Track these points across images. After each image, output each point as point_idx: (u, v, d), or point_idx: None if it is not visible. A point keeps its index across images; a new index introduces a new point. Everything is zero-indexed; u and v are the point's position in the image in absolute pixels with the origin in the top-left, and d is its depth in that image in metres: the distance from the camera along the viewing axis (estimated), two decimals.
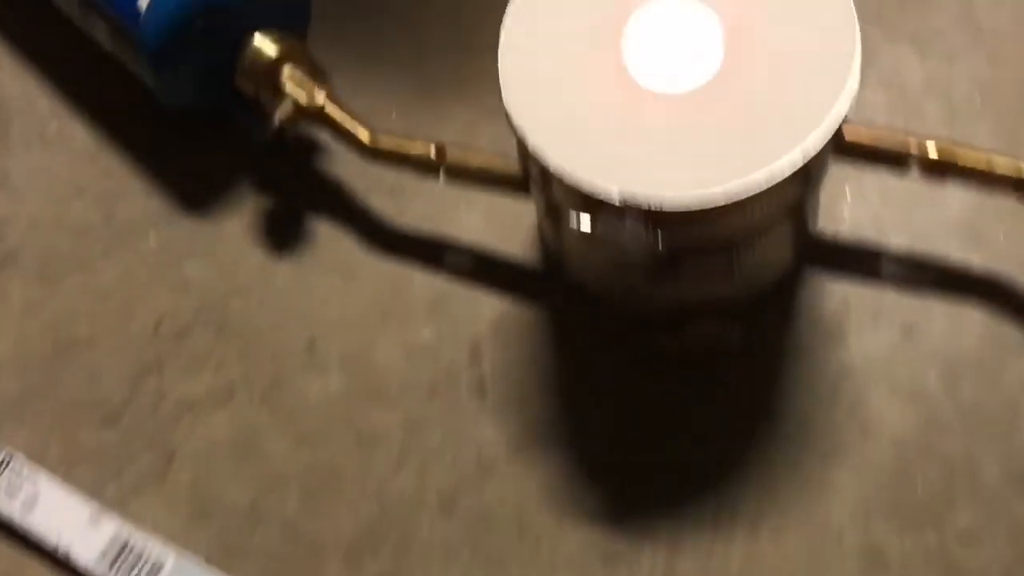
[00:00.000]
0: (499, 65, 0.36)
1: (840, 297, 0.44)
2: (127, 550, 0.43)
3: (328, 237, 0.49)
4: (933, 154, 0.39)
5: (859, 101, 0.46)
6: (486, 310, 0.46)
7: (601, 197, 0.34)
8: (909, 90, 0.47)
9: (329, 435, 0.45)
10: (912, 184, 0.44)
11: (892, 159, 0.40)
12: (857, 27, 0.35)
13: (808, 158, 0.34)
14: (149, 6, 0.44)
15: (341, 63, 0.52)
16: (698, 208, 0.33)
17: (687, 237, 0.35)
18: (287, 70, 0.46)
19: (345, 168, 0.50)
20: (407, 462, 0.44)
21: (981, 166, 0.39)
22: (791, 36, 0.35)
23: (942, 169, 0.40)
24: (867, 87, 0.47)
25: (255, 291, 0.48)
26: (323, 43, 0.52)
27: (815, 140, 0.33)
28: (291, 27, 0.48)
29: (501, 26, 0.37)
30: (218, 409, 0.46)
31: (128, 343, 0.48)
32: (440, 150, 0.44)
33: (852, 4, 0.35)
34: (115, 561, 0.42)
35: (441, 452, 0.44)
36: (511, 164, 0.42)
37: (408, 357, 0.46)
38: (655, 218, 0.34)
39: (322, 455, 0.44)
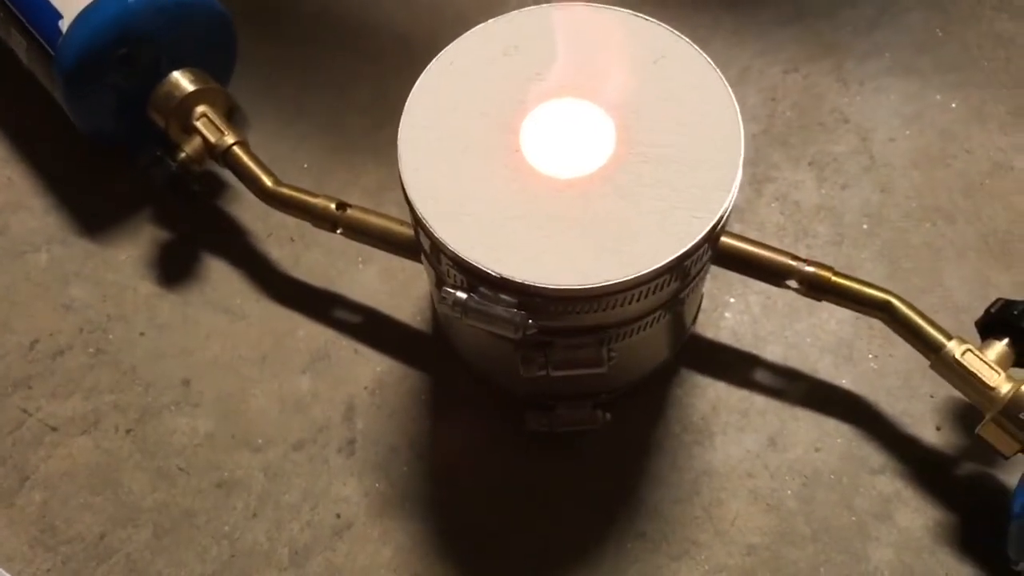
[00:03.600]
0: (399, 137, 0.37)
1: (712, 398, 0.45)
2: None
3: (220, 277, 0.49)
4: (808, 276, 0.41)
5: (755, 215, 0.49)
6: (367, 370, 0.46)
7: (481, 272, 0.34)
8: (804, 210, 0.49)
9: (190, 475, 0.44)
10: (793, 300, 0.45)
11: (770, 275, 0.41)
12: (743, 141, 0.36)
13: (681, 259, 0.35)
14: (70, 28, 0.45)
15: (264, 111, 0.53)
16: (570, 293, 0.34)
17: (559, 320, 0.36)
18: (200, 109, 0.46)
19: (248, 212, 0.50)
20: (264, 512, 0.43)
21: (852, 293, 0.41)
22: (679, 141, 0.36)
23: (816, 291, 0.41)
24: (764, 203, 0.49)
25: (138, 321, 0.48)
26: (250, 89, 0.53)
27: (689, 242, 0.34)
28: (214, 70, 0.48)
29: (406, 100, 0.38)
30: (82, 435, 0.45)
31: (1, 357, 0.47)
32: (341, 206, 0.44)
33: (740, 121, 0.37)
34: None
35: (300, 506, 0.43)
36: (408, 228, 0.43)
37: (282, 407, 0.45)
38: (527, 297, 0.34)
39: (179, 494, 0.43)
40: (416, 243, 0.41)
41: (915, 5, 0.55)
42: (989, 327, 0.41)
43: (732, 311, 0.47)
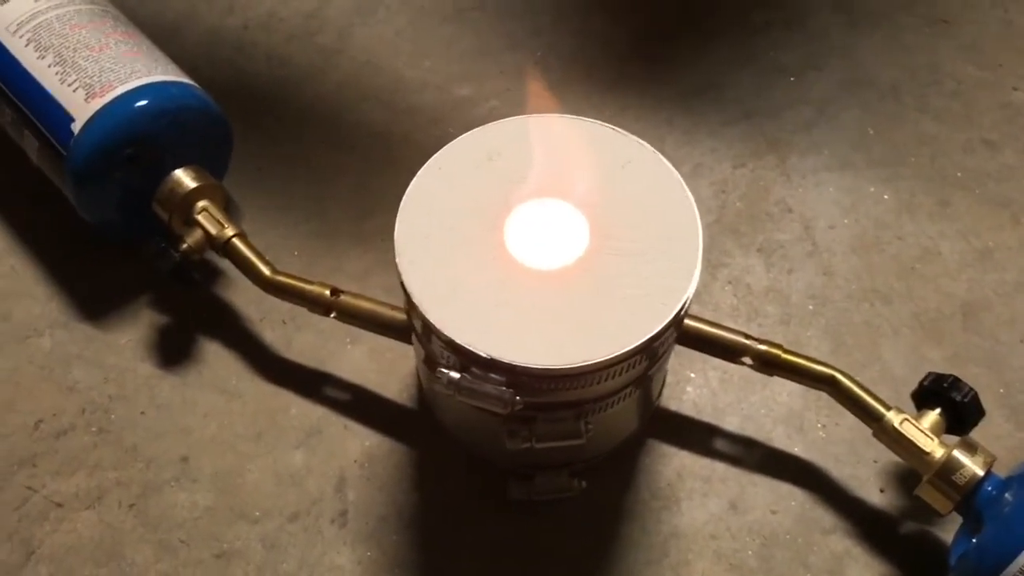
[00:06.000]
0: (395, 234, 0.41)
1: (677, 466, 0.49)
2: None
3: (216, 358, 0.52)
4: (760, 353, 0.45)
5: (710, 297, 0.54)
6: (357, 444, 0.49)
7: (472, 355, 0.38)
8: (755, 292, 0.54)
9: (191, 547, 0.47)
10: (747, 374, 0.50)
11: (726, 352, 0.46)
12: (700, 239, 0.41)
13: (651, 341, 0.39)
14: (81, 130, 0.48)
15: (255, 203, 0.57)
16: (553, 372, 0.38)
17: (542, 396, 0.40)
18: (201, 204, 0.50)
19: (242, 297, 0.53)
20: None
21: (800, 368, 0.45)
22: (646, 236, 0.41)
23: (768, 366, 0.46)
24: (719, 286, 0.54)
25: (139, 401, 0.51)
26: (241, 184, 0.57)
27: (658, 326, 0.39)
28: (211, 167, 0.52)
29: (403, 196, 0.42)
30: (86, 510, 0.47)
31: (6, 436, 0.49)
32: (334, 292, 0.48)
33: (698, 220, 0.41)
34: None
35: (296, 575, 0.46)
36: (397, 312, 0.47)
37: (277, 481, 0.48)
38: (515, 376, 0.38)
39: (181, 566, 0.46)
40: (407, 326, 0.45)
41: (848, 107, 0.61)
42: (923, 398, 0.45)
43: (693, 385, 0.51)
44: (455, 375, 0.39)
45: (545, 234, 0.41)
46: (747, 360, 0.46)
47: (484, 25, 0.65)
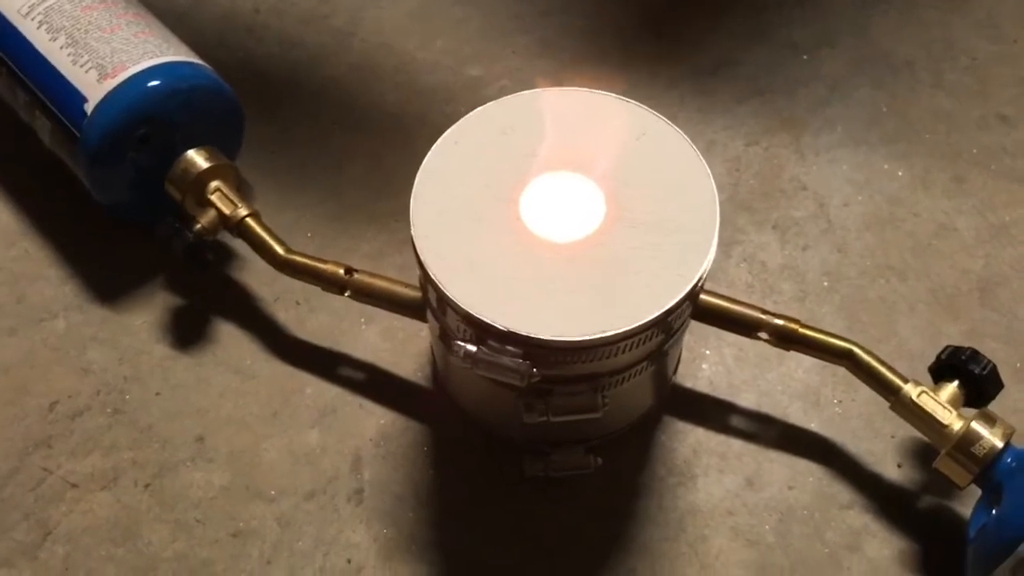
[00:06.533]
0: (411, 208, 0.41)
1: (693, 443, 0.49)
2: None
3: (230, 339, 0.52)
4: (777, 328, 0.45)
5: (725, 275, 0.53)
6: (372, 422, 0.49)
7: (489, 327, 0.38)
8: (769, 269, 0.54)
9: (207, 526, 0.47)
10: (762, 351, 0.49)
11: (743, 327, 0.46)
12: (718, 211, 0.41)
13: (667, 314, 0.39)
14: (95, 111, 0.48)
15: (268, 184, 0.57)
16: (569, 345, 0.38)
17: (558, 369, 0.40)
18: (214, 184, 0.50)
19: (255, 278, 0.53)
20: (278, 560, 0.46)
21: (818, 342, 0.45)
22: (662, 208, 0.41)
23: (785, 341, 0.45)
24: (733, 264, 0.54)
25: (154, 382, 0.51)
26: (253, 165, 0.56)
27: (674, 298, 0.39)
28: (223, 149, 0.52)
29: (418, 170, 0.42)
30: (102, 490, 0.47)
31: (21, 418, 0.49)
32: (349, 271, 0.48)
33: (715, 191, 0.41)
34: None
35: (312, 553, 0.46)
36: (412, 291, 0.47)
37: (293, 460, 0.48)
38: (531, 348, 0.38)
39: (197, 545, 0.46)
40: (421, 304, 0.45)
41: (862, 84, 0.61)
42: (940, 371, 0.45)
43: (708, 362, 0.51)
44: (472, 348, 0.39)
45: (561, 207, 0.41)
46: (764, 335, 0.46)
47: (494, 6, 0.65)
